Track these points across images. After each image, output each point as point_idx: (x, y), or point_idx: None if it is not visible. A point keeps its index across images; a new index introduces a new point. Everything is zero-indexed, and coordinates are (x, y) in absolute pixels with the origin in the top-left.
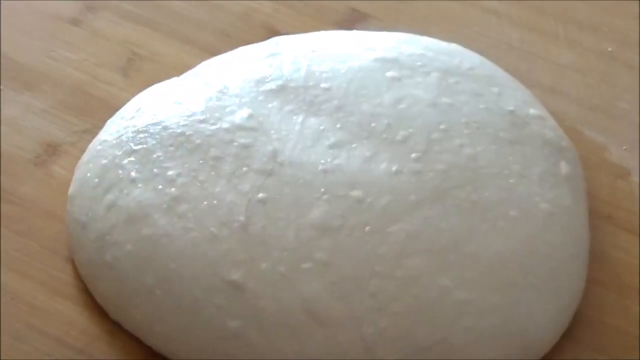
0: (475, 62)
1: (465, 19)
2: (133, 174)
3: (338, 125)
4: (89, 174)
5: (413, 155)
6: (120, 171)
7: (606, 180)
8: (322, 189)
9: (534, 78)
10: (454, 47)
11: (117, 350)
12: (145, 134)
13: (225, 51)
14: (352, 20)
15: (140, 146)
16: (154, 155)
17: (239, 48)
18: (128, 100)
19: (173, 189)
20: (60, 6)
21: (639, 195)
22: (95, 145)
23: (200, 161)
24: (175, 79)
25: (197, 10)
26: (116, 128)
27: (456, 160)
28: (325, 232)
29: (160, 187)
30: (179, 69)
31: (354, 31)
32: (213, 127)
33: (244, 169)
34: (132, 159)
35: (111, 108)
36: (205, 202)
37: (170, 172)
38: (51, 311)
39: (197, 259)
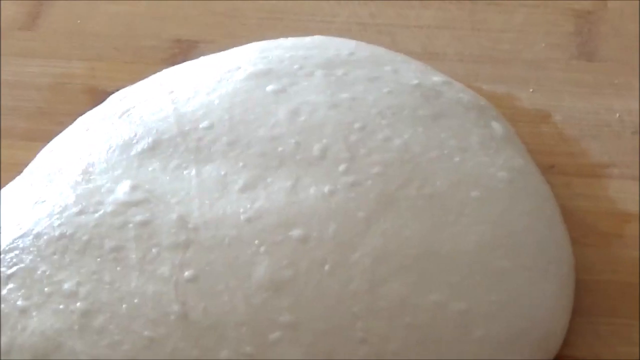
0: (350, 46)
1: (302, 13)
2: (20, 302)
3: (240, 164)
4: None
5: (340, 167)
6: (3, 305)
7: (529, 129)
8: (256, 241)
9: (402, 49)
10: (318, 39)
11: None
12: (16, 252)
13: (51, 132)
14: (182, 53)
15: (15, 267)
16: (38, 272)
17: (79, 119)
18: None
19: (78, 304)
20: None
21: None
22: None
23: (98, 259)
24: (18, 179)
25: None
26: None
27: (389, 157)
28: (280, 289)
29: (61, 306)
30: (9, 169)
31: (202, 58)
32: (96, 215)
33: (154, 250)
34: (11, 286)
35: None
36: (124, 305)
37: (66, 285)
38: None
39: None
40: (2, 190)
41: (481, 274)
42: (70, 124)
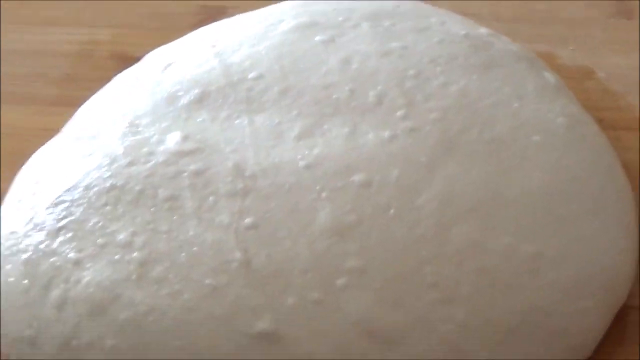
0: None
1: None
2: (73, 255)
3: (294, 112)
4: (11, 279)
5: (398, 113)
6: (54, 258)
7: (574, 85)
8: (317, 187)
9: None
10: None
11: None
12: (66, 204)
13: (80, 97)
14: (210, 17)
15: (66, 220)
16: (90, 224)
17: (116, 77)
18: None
19: (135, 254)
20: None
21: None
22: (4, 243)
23: (152, 209)
24: (58, 136)
25: (24, 64)
26: (20, 213)
27: (447, 103)
28: (345, 234)
29: (116, 257)
30: (39, 134)
31: (238, 15)
32: (148, 165)
33: (211, 198)
34: (62, 238)
35: None
36: (182, 254)
37: (121, 236)
38: None
39: (206, 322)
40: (43, 149)
41: (548, 218)
42: (99, 89)
